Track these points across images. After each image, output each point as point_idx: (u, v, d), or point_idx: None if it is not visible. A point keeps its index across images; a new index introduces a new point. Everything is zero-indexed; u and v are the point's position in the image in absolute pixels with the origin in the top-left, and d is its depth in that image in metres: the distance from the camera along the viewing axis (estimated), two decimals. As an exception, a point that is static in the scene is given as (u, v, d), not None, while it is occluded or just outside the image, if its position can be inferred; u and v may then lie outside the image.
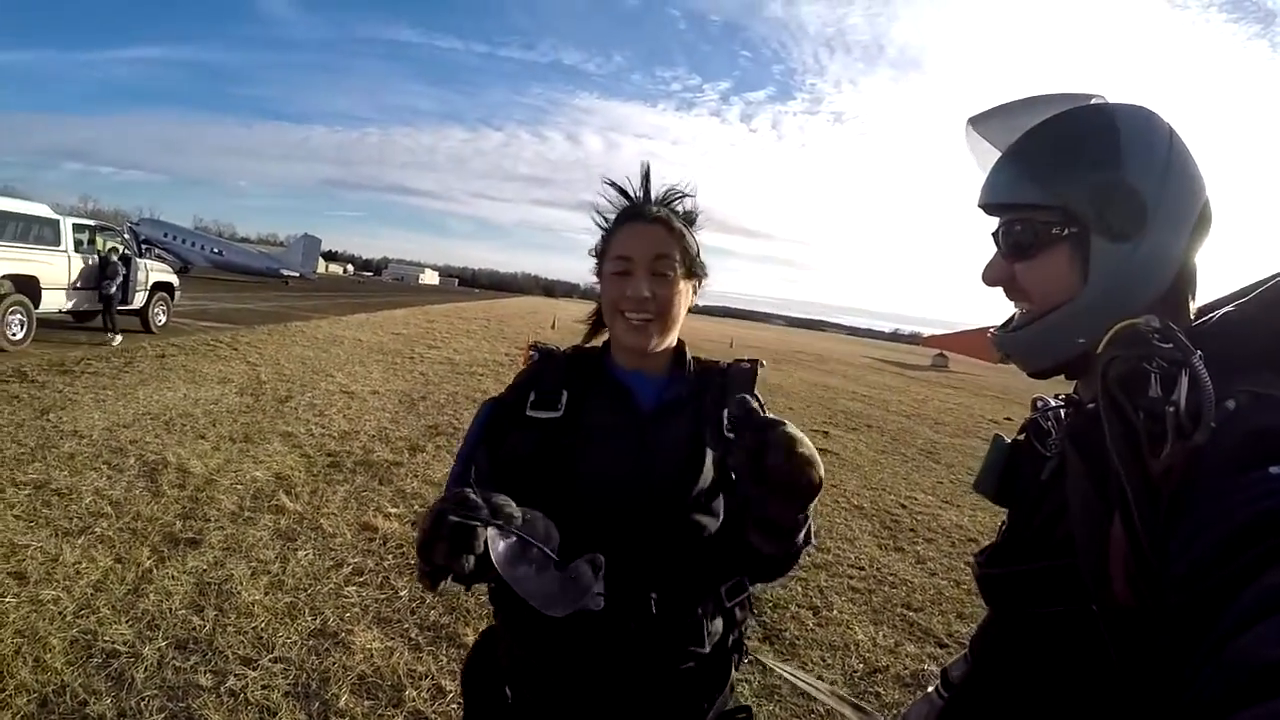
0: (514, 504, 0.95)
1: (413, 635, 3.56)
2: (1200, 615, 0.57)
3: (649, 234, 1.29)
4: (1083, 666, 0.80)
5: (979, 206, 0.99)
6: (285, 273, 45.47)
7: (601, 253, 1.37)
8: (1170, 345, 0.70)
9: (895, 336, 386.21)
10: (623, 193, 1.39)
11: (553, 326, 31.25)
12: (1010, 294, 0.98)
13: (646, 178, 1.38)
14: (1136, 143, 0.85)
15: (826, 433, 11.69)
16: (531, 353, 1.44)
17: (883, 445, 11.40)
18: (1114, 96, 0.93)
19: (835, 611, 4.48)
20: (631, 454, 1.28)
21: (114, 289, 12.26)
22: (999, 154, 0.97)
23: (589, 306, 1.53)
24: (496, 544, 0.87)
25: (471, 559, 0.87)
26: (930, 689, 1.33)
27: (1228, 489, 0.61)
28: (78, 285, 12.31)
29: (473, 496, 0.91)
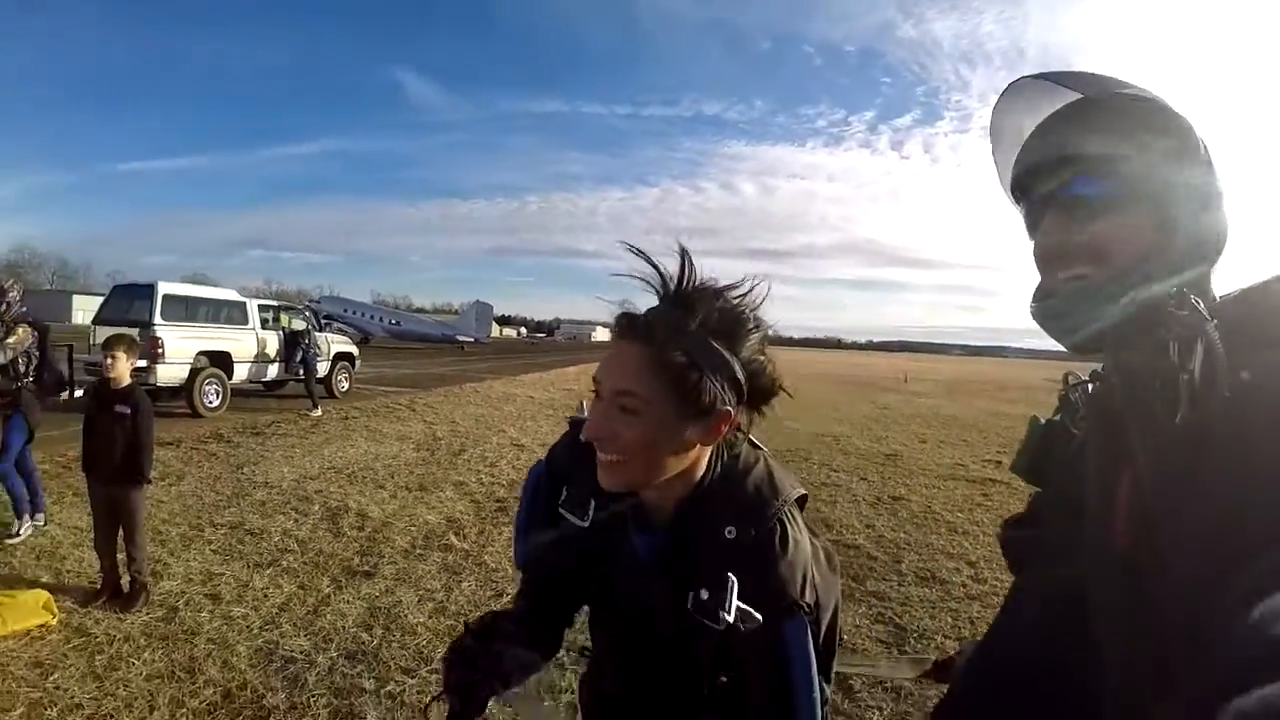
0: (514, 644, 1.11)
1: (559, 656, 3.75)
2: (1215, 582, 0.58)
3: (618, 357, 1.06)
4: (1086, 628, 0.81)
5: (1040, 163, 0.94)
6: (460, 338, 48.36)
7: None
8: (1186, 313, 0.73)
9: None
10: (654, 276, 1.08)
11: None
12: (1070, 258, 0.91)
13: (684, 263, 1.07)
14: (1192, 130, 0.87)
15: (999, 462, 11.09)
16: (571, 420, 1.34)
17: (1058, 469, 10.60)
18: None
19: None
20: (632, 603, 1.24)
21: (297, 369, 13.88)
22: (1039, 119, 0.97)
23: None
24: (498, 688, 1.08)
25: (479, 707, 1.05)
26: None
27: (1241, 458, 0.63)
28: (265, 358, 13.95)
29: (470, 645, 1.10)
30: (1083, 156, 0.89)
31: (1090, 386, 0.96)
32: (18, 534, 4.85)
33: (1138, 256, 0.85)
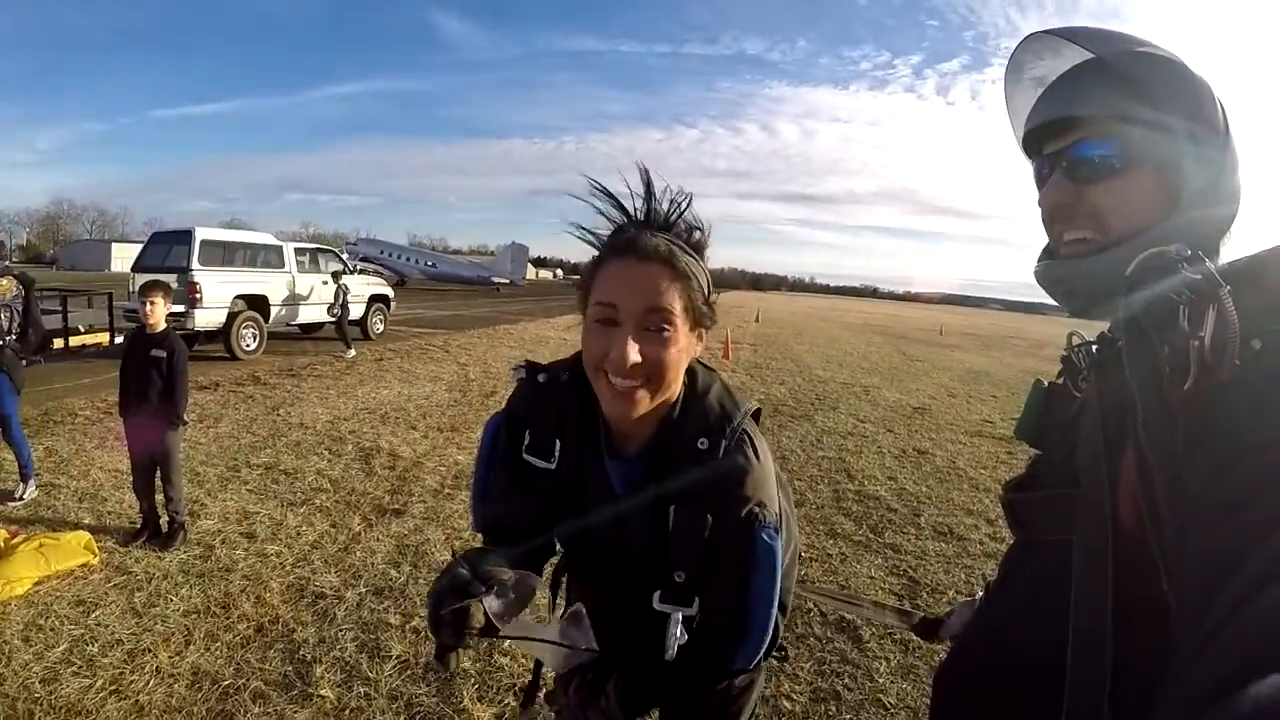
0: (505, 568, 1.02)
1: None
2: (1225, 561, 0.55)
3: (643, 278, 1.06)
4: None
5: (1050, 121, 0.93)
6: (496, 280, 48.42)
7: (586, 283, 1.14)
8: (1199, 277, 0.69)
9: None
10: (618, 205, 1.15)
11: (756, 320, 31.23)
12: (1073, 220, 0.91)
13: (648, 186, 1.13)
14: (1211, 94, 0.85)
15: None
16: (520, 371, 1.32)
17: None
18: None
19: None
20: (609, 530, 1.23)
21: (337, 310, 13.87)
22: (1051, 77, 0.96)
23: (795, 300, 1.19)
24: (494, 606, 0.97)
25: (475, 630, 0.97)
26: (978, 595, 1.34)
27: (1250, 431, 0.61)
28: (302, 301, 14.09)
29: (463, 573, 0.98)
30: (1088, 118, 0.89)
31: (1095, 349, 0.95)
32: (21, 496, 4.81)
33: (1139, 223, 0.85)
